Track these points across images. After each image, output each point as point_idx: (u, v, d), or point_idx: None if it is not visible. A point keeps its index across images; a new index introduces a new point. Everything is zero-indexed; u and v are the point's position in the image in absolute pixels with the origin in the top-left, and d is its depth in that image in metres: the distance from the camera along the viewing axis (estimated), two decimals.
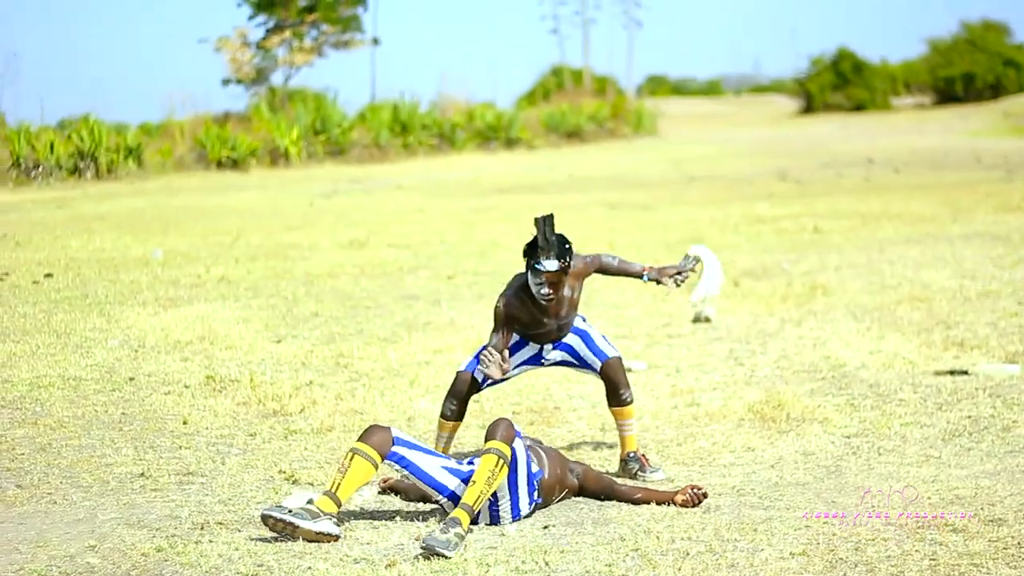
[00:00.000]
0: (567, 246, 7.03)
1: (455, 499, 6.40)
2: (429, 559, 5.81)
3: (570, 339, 7.37)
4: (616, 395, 7.37)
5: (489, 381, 7.31)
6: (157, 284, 13.87)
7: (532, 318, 7.19)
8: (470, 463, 6.54)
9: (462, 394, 7.31)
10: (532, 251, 7.02)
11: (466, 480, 6.42)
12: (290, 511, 6.09)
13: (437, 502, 6.54)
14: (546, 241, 6.98)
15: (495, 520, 6.48)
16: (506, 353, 7.13)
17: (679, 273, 7.52)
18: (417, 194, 27.03)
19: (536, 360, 7.41)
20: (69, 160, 28.92)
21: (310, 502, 6.21)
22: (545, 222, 7.01)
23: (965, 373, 9.66)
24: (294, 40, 44.55)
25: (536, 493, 6.62)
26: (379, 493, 7.10)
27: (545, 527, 6.40)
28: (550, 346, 7.37)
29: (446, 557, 5.82)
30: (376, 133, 38.93)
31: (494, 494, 6.36)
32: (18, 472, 7.38)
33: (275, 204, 24.44)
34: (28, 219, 20.56)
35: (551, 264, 6.98)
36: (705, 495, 6.73)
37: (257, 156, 34.19)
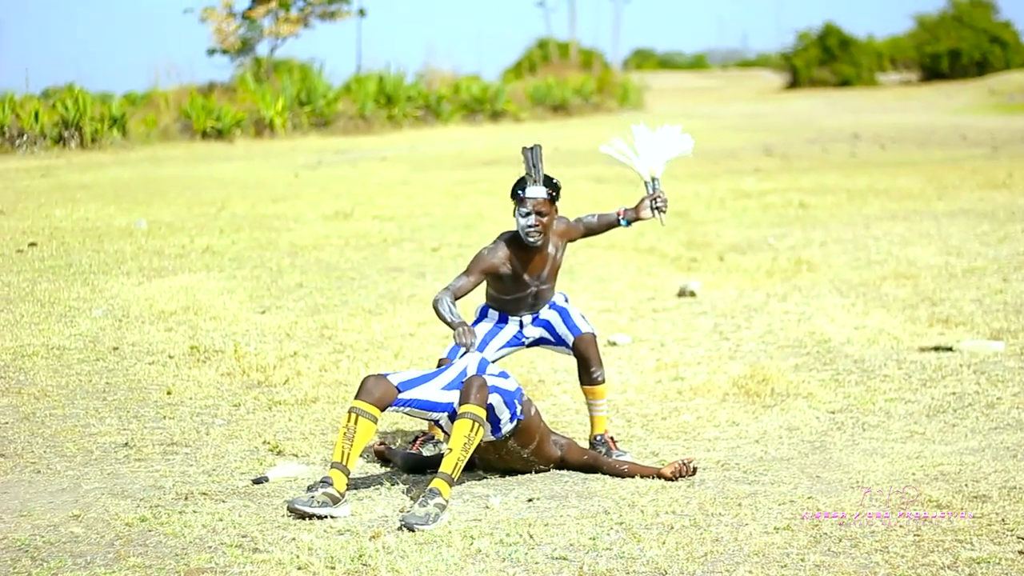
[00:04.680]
0: (554, 180, 6.98)
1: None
2: (413, 531, 5.82)
3: (548, 314, 7.27)
4: (588, 372, 7.26)
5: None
6: (141, 254, 13.82)
7: (513, 273, 7.04)
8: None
9: None
10: (519, 183, 6.97)
11: None
12: (316, 502, 6.06)
13: (436, 422, 6.53)
14: (533, 168, 6.92)
15: None
16: (471, 327, 6.93)
17: (654, 199, 7.43)
18: (402, 166, 26.95)
19: (517, 341, 7.29)
20: (53, 129, 28.73)
21: (325, 481, 6.15)
22: (532, 151, 6.96)
23: (950, 350, 9.67)
24: (280, 10, 44.23)
25: (518, 409, 6.58)
26: (367, 461, 7.09)
27: (529, 500, 6.40)
28: (529, 318, 7.26)
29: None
30: (361, 105, 38.78)
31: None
32: (1, 441, 7.36)
33: (260, 175, 24.34)
34: (12, 188, 20.45)
35: (537, 190, 6.91)
36: (695, 470, 6.73)
37: (242, 127, 34.04)
